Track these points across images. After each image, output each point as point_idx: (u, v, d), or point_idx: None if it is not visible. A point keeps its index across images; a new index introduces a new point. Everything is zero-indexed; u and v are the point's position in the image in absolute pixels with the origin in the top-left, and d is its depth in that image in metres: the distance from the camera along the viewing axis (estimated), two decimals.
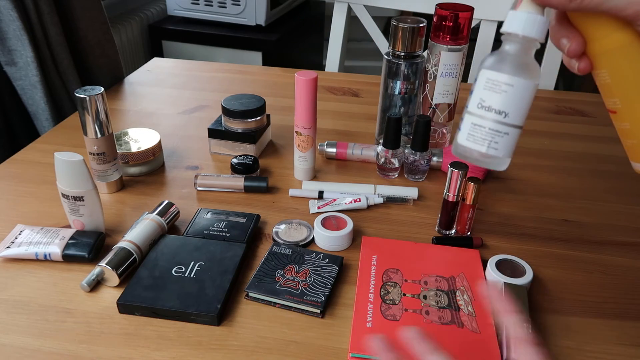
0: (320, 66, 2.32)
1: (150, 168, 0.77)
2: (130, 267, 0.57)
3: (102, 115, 0.67)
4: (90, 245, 0.59)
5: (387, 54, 0.77)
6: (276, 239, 0.63)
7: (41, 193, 0.71)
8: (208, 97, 1.03)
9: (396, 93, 0.78)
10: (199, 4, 1.77)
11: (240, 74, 1.16)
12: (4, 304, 0.53)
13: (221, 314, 0.52)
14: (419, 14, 1.14)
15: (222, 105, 0.80)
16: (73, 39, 1.01)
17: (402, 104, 0.79)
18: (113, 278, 0.55)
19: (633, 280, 0.60)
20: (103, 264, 0.55)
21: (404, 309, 0.53)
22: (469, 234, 0.65)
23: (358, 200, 0.69)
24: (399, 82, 0.77)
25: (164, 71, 1.16)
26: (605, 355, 0.50)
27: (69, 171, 0.58)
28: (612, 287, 0.59)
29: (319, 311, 0.53)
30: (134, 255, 0.57)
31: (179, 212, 0.66)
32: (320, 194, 0.72)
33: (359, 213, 0.69)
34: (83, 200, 0.60)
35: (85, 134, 0.68)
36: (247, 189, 0.72)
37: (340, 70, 1.35)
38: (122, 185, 0.74)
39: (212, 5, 1.76)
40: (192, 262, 0.57)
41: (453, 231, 0.66)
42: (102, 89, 0.66)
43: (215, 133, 0.81)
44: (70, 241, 0.59)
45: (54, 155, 0.58)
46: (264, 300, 0.54)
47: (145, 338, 0.50)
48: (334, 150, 0.81)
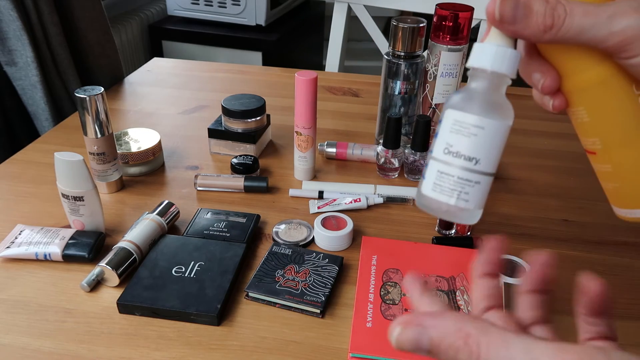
0: (320, 66, 2.32)
1: (150, 168, 0.77)
2: (130, 267, 0.57)
3: (102, 115, 0.67)
4: (90, 245, 0.59)
5: (387, 54, 0.77)
6: (276, 239, 0.63)
7: (41, 193, 0.71)
8: (208, 97, 1.03)
9: (396, 93, 0.78)
10: (199, 4, 1.77)
11: (240, 74, 1.16)
12: (4, 304, 0.53)
13: (221, 314, 0.52)
14: (419, 14, 1.14)
15: (222, 105, 0.80)
16: (73, 39, 1.01)
17: (402, 104, 0.79)
18: (113, 278, 0.55)
19: (633, 280, 0.60)
20: (103, 264, 0.55)
21: (404, 309, 0.53)
22: (469, 234, 0.65)
23: (358, 200, 0.69)
24: (399, 82, 0.77)
25: (164, 71, 1.16)
26: None
27: (69, 171, 0.58)
28: (612, 287, 0.58)
29: (319, 311, 0.53)
30: (134, 255, 0.57)
31: (179, 212, 0.66)
32: (320, 194, 0.72)
33: (359, 213, 0.69)
34: (83, 200, 0.60)
35: (85, 134, 0.68)
36: (247, 189, 0.72)
37: (340, 70, 1.35)
38: (122, 185, 0.74)
39: (212, 5, 1.76)
40: (192, 262, 0.57)
41: (453, 231, 0.66)
42: (102, 89, 0.66)
43: (215, 133, 0.81)
44: (70, 241, 0.59)
45: (54, 155, 0.58)
46: (264, 300, 0.54)
47: (145, 338, 0.50)
48: (334, 150, 0.81)
